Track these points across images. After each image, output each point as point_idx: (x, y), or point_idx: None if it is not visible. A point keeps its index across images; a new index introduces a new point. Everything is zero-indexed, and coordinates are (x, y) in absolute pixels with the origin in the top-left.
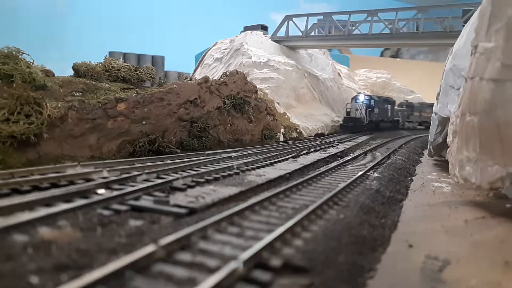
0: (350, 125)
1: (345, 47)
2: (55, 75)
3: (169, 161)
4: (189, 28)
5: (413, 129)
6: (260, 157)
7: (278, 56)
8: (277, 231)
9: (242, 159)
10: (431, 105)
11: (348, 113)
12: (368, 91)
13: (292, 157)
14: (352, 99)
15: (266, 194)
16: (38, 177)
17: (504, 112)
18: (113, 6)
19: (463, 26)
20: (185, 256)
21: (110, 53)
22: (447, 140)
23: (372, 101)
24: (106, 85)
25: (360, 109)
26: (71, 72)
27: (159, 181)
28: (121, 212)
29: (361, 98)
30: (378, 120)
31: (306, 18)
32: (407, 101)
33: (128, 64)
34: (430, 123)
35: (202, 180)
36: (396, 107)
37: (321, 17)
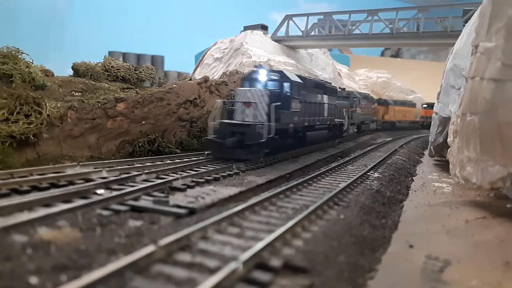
0: (229, 143)
1: (346, 46)
2: (55, 75)
3: (168, 161)
4: (189, 28)
5: (354, 136)
6: None
7: (278, 56)
8: (277, 232)
9: None
10: (366, 96)
11: (229, 113)
12: (368, 91)
13: (292, 157)
14: (244, 80)
15: (266, 194)
16: (38, 177)
17: (504, 112)
18: (112, 5)
19: (464, 25)
20: (184, 257)
21: (110, 52)
22: (448, 140)
23: (286, 84)
24: (106, 85)
25: (258, 104)
26: (71, 72)
27: (159, 181)
28: (120, 212)
29: (262, 77)
30: (303, 128)
31: (306, 17)
32: (343, 89)
33: (128, 64)
34: (366, 124)
35: (201, 180)
36: (338, 101)
37: (321, 16)
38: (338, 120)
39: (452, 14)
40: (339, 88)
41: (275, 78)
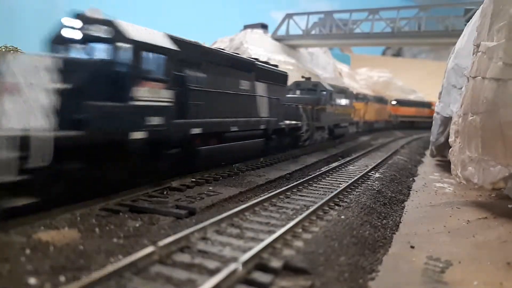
0: None
1: (346, 45)
2: None
3: None
4: (188, 27)
5: (321, 144)
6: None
7: (279, 55)
8: (277, 233)
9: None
10: (343, 91)
11: None
12: (369, 90)
13: (293, 157)
14: (53, 44)
15: (266, 195)
16: None
17: (506, 112)
18: (111, 4)
19: (465, 25)
20: (184, 258)
21: None
22: (449, 140)
23: (125, 48)
24: None
25: (21, 88)
26: None
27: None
28: (119, 213)
29: (77, 34)
30: (188, 138)
31: (306, 16)
32: (309, 78)
33: None
34: (343, 127)
35: (201, 180)
36: (296, 95)
37: (322, 15)
38: (289, 122)
39: (453, 13)
40: (303, 77)
41: (103, 36)
